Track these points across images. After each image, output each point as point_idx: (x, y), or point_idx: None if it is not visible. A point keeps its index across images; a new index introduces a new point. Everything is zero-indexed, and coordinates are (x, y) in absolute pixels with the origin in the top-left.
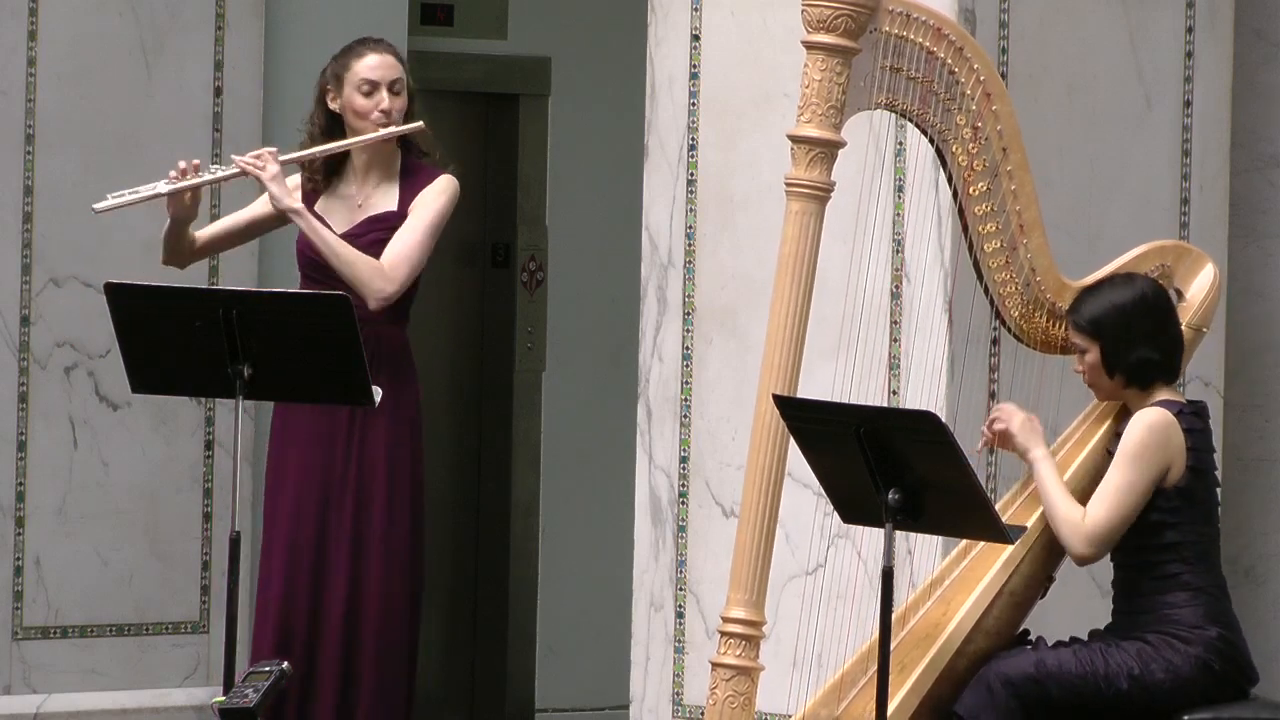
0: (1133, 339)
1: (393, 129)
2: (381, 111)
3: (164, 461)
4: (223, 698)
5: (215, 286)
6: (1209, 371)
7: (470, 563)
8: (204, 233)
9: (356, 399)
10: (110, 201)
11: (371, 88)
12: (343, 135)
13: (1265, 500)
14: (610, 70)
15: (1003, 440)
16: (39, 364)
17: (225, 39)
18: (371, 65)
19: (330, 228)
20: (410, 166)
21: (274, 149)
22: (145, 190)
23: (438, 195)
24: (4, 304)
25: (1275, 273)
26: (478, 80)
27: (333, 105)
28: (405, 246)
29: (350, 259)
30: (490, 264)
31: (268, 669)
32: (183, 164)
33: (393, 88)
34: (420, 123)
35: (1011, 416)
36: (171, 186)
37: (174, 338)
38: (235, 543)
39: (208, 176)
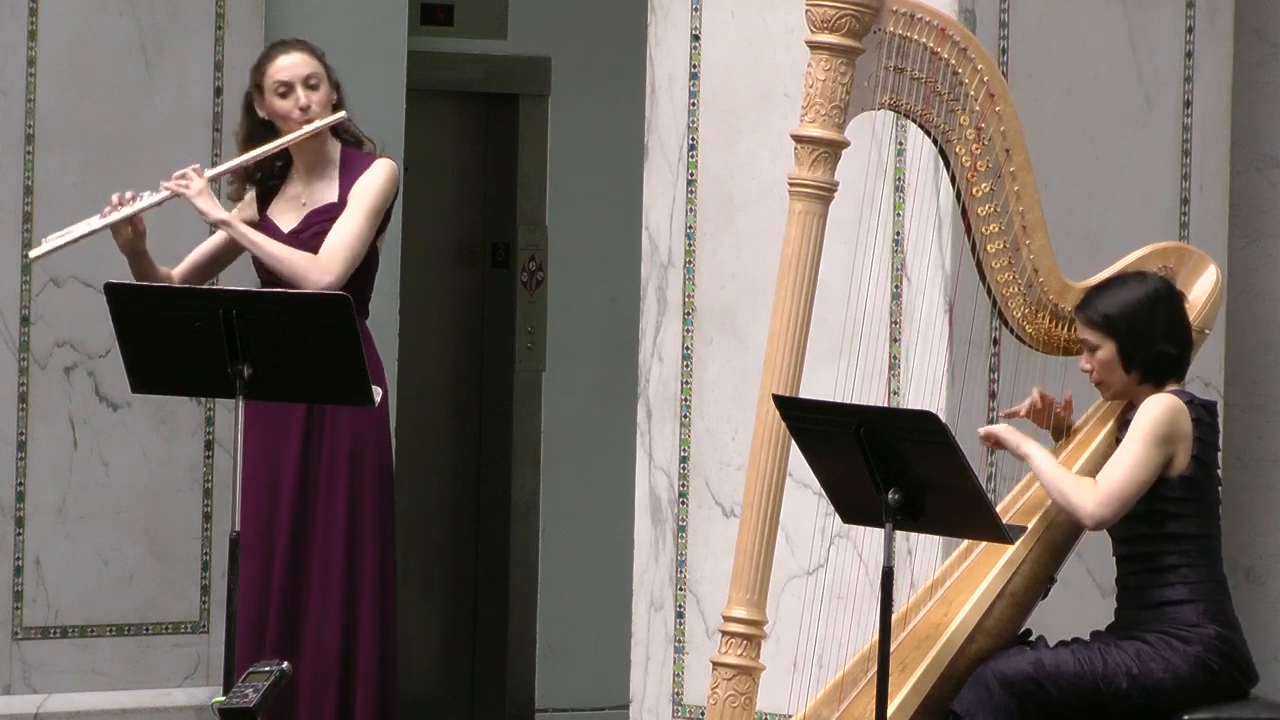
0: (1151, 334)
1: (310, 126)
2: (300, 109)
3: (164, 461)
4: (223, 698)
5: (215, 287)
6: (1209, 371)
7: (470, 563)
8: (176, 270)
9: (356, 399)
10: (46, 246)
11: (286, 89)
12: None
13: (1265, 500)
14: (610, 70)
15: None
16: (39, 364)
17: (225, 39)
18: (282, 67)
19: (276, 230)
20: (347, 157)
21: (198, 165)
22: (80, 228)
23: (374, 180)
24: (4, 304)
25: (1275, 273)
26: (478, 80)
27: (261, 113)
28: (340, 236)
29: (282, 256)
30: (490, 264)
31: (268, 669)
32: (116, 196)
33: (308, 83)
34: (342, 113)
35: (997, 431)
36: (104, 220)
37: (174, 338)
38: (235, 543)
39: (139, 205)
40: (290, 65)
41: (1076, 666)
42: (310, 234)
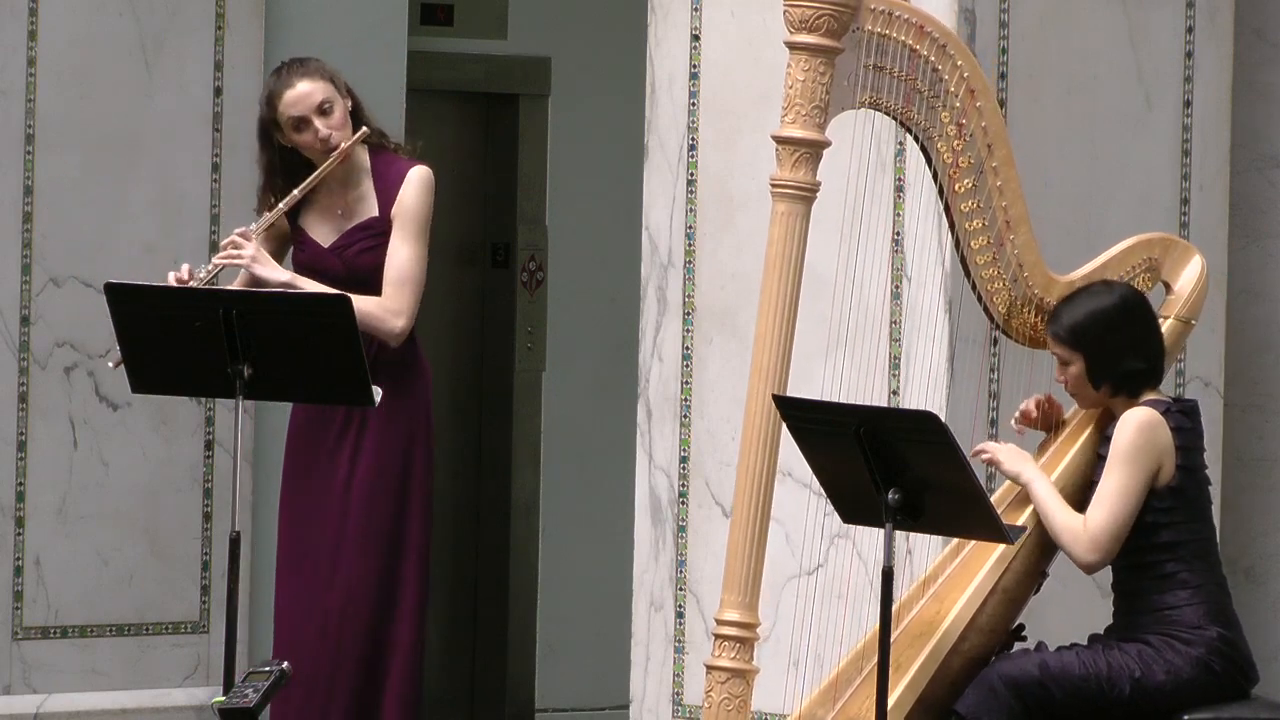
0: (1119, 349)
1: (336, 155)
2: (321, 140)
3: (164, 461)
4: (223, 698)
5: (215, 287)
6: (1209, 371)
7: (470, 563)
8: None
9: (356, 399)
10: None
11: (302, 123)
12: (303, 164)
13: (1265, 500)
14: (610, 70)
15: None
16: (39, 364)
17: (225, 39)
18: (292, 101)
19: (314, 246)
20: (378, 162)
21: (243, 229)
22: None
23: (414, 199)
24: (4, 304)
25: (1275, 273)
26: (478, 80)
27: (285, 143)
28: (400, 271)
29: (356, 309)
30: (490, 264)
31: (268, 669)
32: (173, 276)
33: (321, 110)
34: (364, 130)
35: (995, 452)
36: None
37: (174, 338)
38: (235, 543)
39: (195, 284)
40: (299, 98)
41: (1081, 669)
42: (355, 251)
